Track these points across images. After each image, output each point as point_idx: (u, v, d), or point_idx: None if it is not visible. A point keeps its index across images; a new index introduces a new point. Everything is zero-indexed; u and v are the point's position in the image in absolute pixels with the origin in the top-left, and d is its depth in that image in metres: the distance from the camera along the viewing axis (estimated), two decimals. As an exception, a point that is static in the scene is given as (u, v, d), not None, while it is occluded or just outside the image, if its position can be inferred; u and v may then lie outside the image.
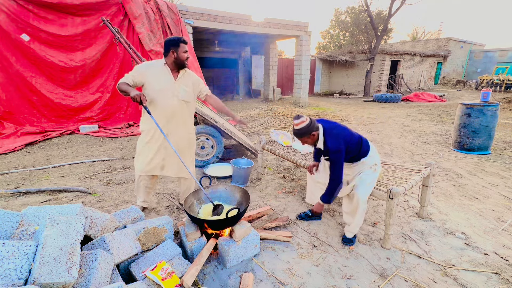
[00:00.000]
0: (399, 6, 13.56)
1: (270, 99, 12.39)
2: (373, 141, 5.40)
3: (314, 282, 1.75)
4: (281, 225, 2.37)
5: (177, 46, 2.09)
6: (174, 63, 2.14)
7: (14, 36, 5.51)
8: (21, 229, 1.36)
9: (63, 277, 1.14)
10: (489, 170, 3.81)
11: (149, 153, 2.28)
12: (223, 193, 2.31)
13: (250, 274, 1.72)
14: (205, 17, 7.79)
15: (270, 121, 7.26)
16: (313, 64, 16.41)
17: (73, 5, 5.81)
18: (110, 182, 3.34)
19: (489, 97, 4.59)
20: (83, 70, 6.17)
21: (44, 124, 5.86)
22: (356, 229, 2.12)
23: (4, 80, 5.54)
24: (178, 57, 2.11)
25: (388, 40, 22.05)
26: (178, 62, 2.14)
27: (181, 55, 2.11)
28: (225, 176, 3.50)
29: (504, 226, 2.44)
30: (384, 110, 9.94)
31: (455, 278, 1.79)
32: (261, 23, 8.91)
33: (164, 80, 2.15)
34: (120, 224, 1.82)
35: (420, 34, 31.72)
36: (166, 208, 2.69)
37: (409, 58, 16.39)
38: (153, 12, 6.64)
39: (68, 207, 1.57)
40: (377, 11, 16.71)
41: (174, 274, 1.49)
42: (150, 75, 2.12)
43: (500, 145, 5.05)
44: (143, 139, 2.29)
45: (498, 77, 14.96)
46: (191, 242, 1.88)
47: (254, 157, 4.16)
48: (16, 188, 3.15)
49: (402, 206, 2.78)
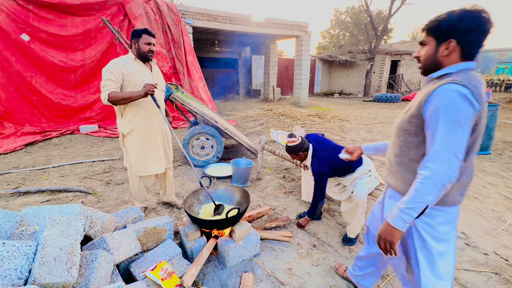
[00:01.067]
0: (399, 6, 13.57)
1: (270, 99, 12.39)
2: (373, 141, 5.40)
3: (314, 282, 1.75)
4: (281, 225, 2.37)
5: (138, 36, 2.04)
6: (137, 55, 2.09)
7: (14, 36, 5.51)
8: (21, 229, 1.36)
9: (63, 277, 1.14)
10: (489, 170, 3.81)
11: (151, 151, 2.25)
12: (223, 193, 2.31)
13: (250, 274, 1.72)
14: (205, 17, 7.79)
15: (270, 121, 7.26)
16: (313, 64, 16.41)
17: (73, 5, 5.81)
18: (110, 182, 3.34)
19: (489, 97, 4.58)
20: (83, 70, 6.17)
21: (44, 124, 5.86)
22: (358, 228, 2.12)
23: (4, 80, 5.54)
24: (139, 47, 2.06)
25: (388, 40, 22.07)
26: (140, 53, 2.08)
27: (142, 46, 2.05)
28: (225, 176, 3.49)
29: (504, 226, 2.44)
30: (384, 110, 9.94)
31: (455, 278, 1.79)
32: (261, 23, 8.91)
33: (143, 73, 2.11)
34: (120, 224, 1.82)
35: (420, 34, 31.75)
36: (166, 208, 2.69)
37: (409, 58, 16.39)
38: (153, 12, 6.64)
39: (68, 207, 1.57)
40: (377, 11, 16.73)
41: (174, 274, 1.49)
42: (126, 70, 2.04)
43: (500, 145, 5.05)
44: (137, 138, 2.18)
45: (498, 77, 14.96)
46: (191, 242, 1.88)
47: (254, 157, 4.16)
48: (16, 188, 3.15)
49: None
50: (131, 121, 2.14)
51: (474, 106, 0.92)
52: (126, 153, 2.26)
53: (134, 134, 2.17)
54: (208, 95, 7.20)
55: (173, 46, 7.10)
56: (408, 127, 1.09)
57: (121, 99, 1.94)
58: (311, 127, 6.71)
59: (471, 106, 0.92)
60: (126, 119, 2.15)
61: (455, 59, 1.01)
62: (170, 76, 6.88)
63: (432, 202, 0.97)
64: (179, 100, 3.49)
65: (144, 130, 2.18)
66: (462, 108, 0.92)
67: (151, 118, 2.20)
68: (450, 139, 0.93)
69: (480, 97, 0.94)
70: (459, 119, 0.92)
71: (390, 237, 1.03)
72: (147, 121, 2.17)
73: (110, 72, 1.98)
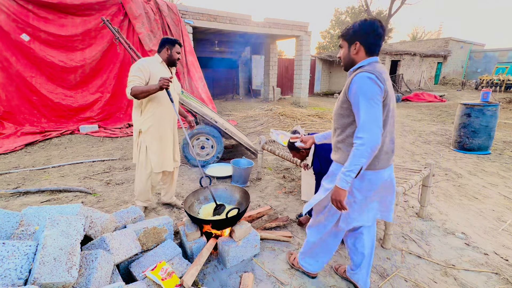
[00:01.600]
0: (399, 6, 13.58)
1: (270, 99, 12.39)
2: (373, 141, 5.41)
3: (314, 282, 1.75)
4: (281, 225, 2.37)
5: (172, 45, 2.26)
6: (167, 60, 2.29)
7: (14, 36, 5.51)
8: (21, 229, 1.36)
9: (63, 277, 1.14)
10: (489, 170, 3.81)
11: (166, 148, 2.36)
12: (223, 193, 2.31)
13: (250, 274, 1.72)
14: (205, 17, 7.79)
15: (270, 121, 7.26)
16: (313, 64, 16.40)
17: (73, 5, 5.81)
18: (110, 182, 3.34)
19: (489, 97, 4.58)
20: (83, 70, 6.18)
21: (44, 124, 5.86)
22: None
23: (4, 80, 5.55)
24: (171, 54, 2.27)
25: (388, 40, 22.07)
26: (170, 59, 2.29)
27: (174, 54, 2.28)
28: (225, 176, 3.50)
29: (504, 226, 2.44)
30: (384, 110, 9.93)
31: (455, 278, 1.79)
32: (261, 23, 8.91)
33: (166, 74, 2.26)
34: (120, 224, 1.82)
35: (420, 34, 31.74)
36: (166, 208, 2.69)
37: (409, 58, 16.39)
38: (153, 12, 6.64)
39: (68, 207, 1.57)
40: (377, 11, 16.73)
41: (174, 274, 1.49)
42: (153, 69, 2.19)
43: (500, 145, 5.05)
44: (155, 135, 2.28)
45: (498, 77, 14.96)
46: (191, 242, 1.88)
47: (254, 157, 4.16)
48: (16, 188, 3.15)
49: (402, 206, 2.78)
50: (150, 118, 2.26)
51: (380, 86, 1.24)
52: (140, 150, 2.33)
53: (152, 131, 2.28)
54: (208, 95, 7.20)
55: (173, 46, 7.09)
56: (341, 111, 1.39)
57: (141, 92, 2.05)
58: (311, 127, 6.71)
59: (377, 86, 1.23)
60: (146, 116, 2.26)
61: (363, 56, 1.35)
62: (170, 76, 6.88)
63: (365, 164, 1.25)
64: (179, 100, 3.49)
65: (160, 128, 2.30)
66: (372, 88, 1.23)
67: (166, 117, 2.33)
68: (370, 112, 1.23)
69: (384, 80, 1.25)
70: (373, 96, 1.23)
71: (339, 196, 1.31)
72: (163, 120, 2.30)
73: (139, 69, 2.13)
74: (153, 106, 2.23)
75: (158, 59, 2.26)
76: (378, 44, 1.33)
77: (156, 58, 2.27)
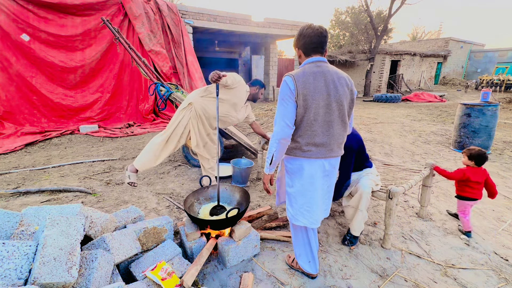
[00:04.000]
0: (399, 6, 13.55)
1: (270, 99, 12.39)
2: (373, 141, 5.40)
3: (314, 282, 1.75)
4: (281, 225, 2.37)
5: (262, 87, 2.78)
6: (252, 96, 2.76)
7: (14, 36, 5.51)
8: (21, 229, 1.36)
9: (63, 277, 1.14)
10: (489, 170, 3.78)
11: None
12: (223, 193, 2.31)
13: (250, 274, 1.72)
14: (205, 17, 7.79)
15: (270, 121, 7.26)
16: (313, 64, 16.37)
17: (73, 5, 5.81)
18: (110, 182, 3.34)
19: (489, 97, 4.59)
20: (83, 70, 6.18)
21: (44, 124, 5.87)
22: (361, 224, 2.05)
23: (4, 80, 5.55)
24: (258, 93, 2.76)
25: (388, 40, 22.05)
26: (255, 97, 2.78)
27: (259, 95, 2.80)
28: (225, 176, 3.49)
29: (504, 226, 2.44)
30: (384, 110, 9.94)
31: (455, 278, 1.79)
32: (261, 23, 8.92)
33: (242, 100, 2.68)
34: (120, 224, 1.82)
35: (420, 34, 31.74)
36: (166, 208, 2.69)
37: (409, 58, 16.39)
38: (153, 12, 6.64)
39: (68, 207, 1.57)
40: (377, 11, 16.69)
41: (174, 274, 1.49)
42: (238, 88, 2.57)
43: (500, 145, 5.04)
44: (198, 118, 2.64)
45: (498, 77, 14.97)
46: (191, 242, 1.88)
47: (254, 157, 4.16)
48: (16, 188, 3.15)
49: (402, 206, 2.78)
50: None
51: (290, 88, 1.42)
52: (179, 124, 2.61)
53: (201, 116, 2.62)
54: (208, 95, 7.20)
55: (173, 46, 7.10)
56: None
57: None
58: (311, 127, 6.70)
59: (288, 88, 1.43)
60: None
61: (304, 58, 1.56)
62: (170, 76, 6.88)
63: (275, 152, 1.49)
64: (179, 100, 3.49)
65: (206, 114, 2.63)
66: (283, 90, 1.45)
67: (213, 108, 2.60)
68: (279, 110, 1.47)
69: (300, 82, 1.41)
70: (283, 96, 1.45)
71: (263, 179, 1.67)
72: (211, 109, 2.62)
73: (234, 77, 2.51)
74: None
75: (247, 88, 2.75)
76: (311, 43, 1.48)
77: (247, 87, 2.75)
